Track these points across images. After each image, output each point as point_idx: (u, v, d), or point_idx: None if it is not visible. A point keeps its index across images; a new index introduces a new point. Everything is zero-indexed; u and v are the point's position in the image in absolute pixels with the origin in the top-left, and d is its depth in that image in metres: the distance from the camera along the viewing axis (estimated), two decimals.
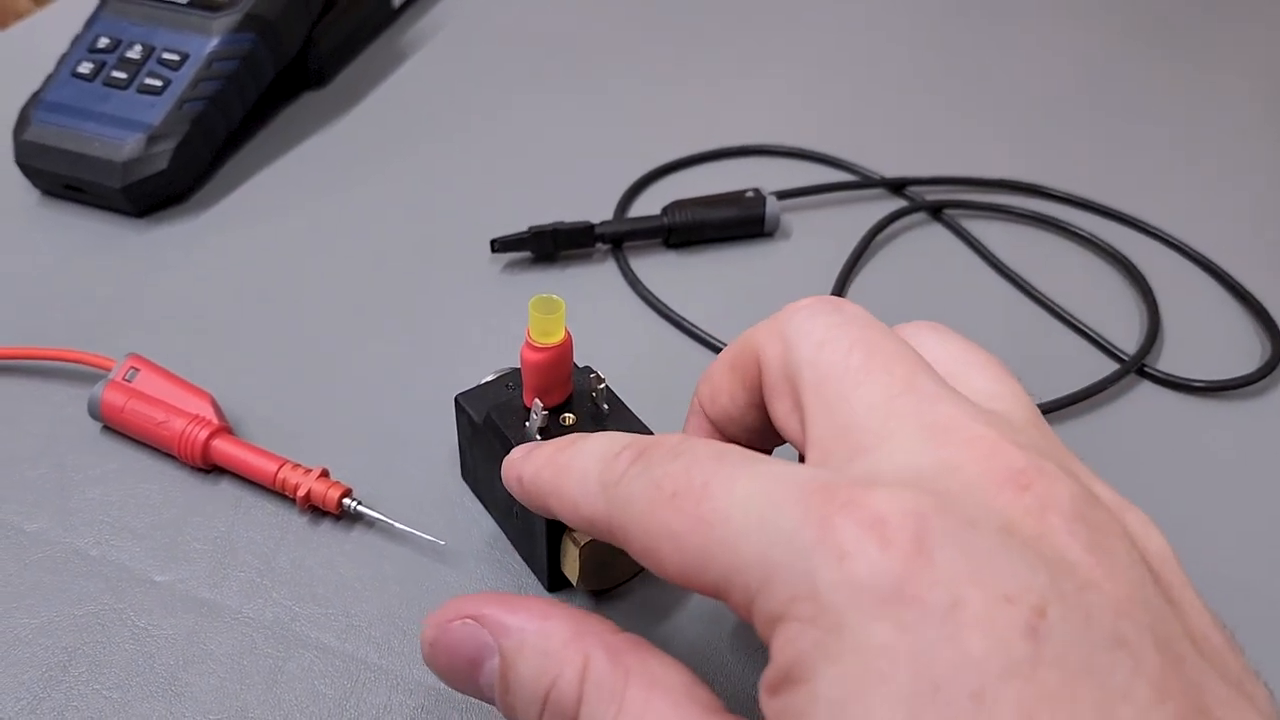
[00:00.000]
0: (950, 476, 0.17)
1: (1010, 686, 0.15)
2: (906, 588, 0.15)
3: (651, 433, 0.27)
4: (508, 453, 0.26)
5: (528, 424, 0.27)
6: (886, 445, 0.18)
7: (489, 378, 0.30)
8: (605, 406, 0.27)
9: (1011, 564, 0.16)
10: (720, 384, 0.23)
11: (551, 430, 0.27)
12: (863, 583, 0.16)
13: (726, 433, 0.24)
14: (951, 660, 0.15)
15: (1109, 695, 0.15)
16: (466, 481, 0.31)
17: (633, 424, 0.27)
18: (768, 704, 0.17)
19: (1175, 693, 0.15)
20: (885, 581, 0.16)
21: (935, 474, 0.17)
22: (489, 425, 0.27)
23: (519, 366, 0.29)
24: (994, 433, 0.18)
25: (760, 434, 0.24)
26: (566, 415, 0.27)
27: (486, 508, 0.30)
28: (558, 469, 0.21)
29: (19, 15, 1.27)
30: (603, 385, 0.27)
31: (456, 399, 0.29)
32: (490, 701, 0.20)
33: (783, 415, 0.21)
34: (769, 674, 0.17)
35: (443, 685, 0.26)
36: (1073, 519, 0.17)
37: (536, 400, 0.26)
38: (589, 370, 0.28)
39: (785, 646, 0.16)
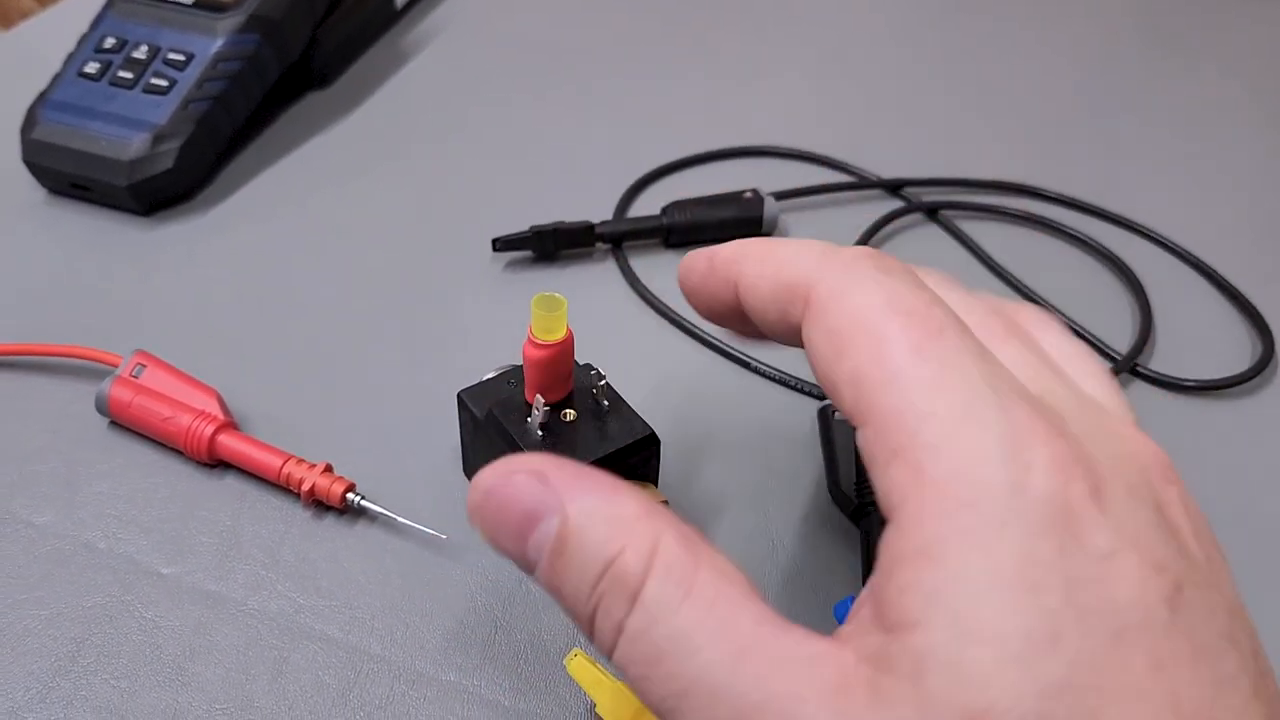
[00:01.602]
0: (1118, 448, 0.18)
1: (1146, 637, 0.15)
2: (1078, 521, 0.16)
3: (650, 428, 0.28)
4: (511, 448, 0.27)
5: (529, 420, 0.27)
6: (1063, 404, 0.19)
7: (490, 374, 0.30)
8: (605, 403, 0.28)
9: (1163, 540, 0.17)
10: (763, 289, 0.21)
11: (552, 426, 0.27)
12: (1039, 497, 0.16)
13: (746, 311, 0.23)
14: (1101, 597, 0.15)
15: (1220, 677, 0.16)
16: (468, 477, 0.31)
17: (632, 420, 0.28)
18: (887, 583, 0.16)
19: (1265, 697, 0.16)
20: (1059, 508, 0.16)
21: (1104, 432, 0.18)
22: (491, 421, 0.28)
23: (520, 364, 0.30)
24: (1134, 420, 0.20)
25: (782, 338, 0.22)
26: (567, 411, 0.28)
27: None
28: (771, 243, 0.22)
29: (23, 14, 1.27)
30: (603, 382, 0.28)
31: (459, 395, 0.29)
32: (526, 567, 0.19)
33: (845, 375, 0.19)
34: (901, 541, 0.16)
35: (445, 677, 0.27)
36: (1197, 523, 0.18)
37: (538, 396, 0.26)
38: (589, 367, 0.28)
39: (930, 519, 0.16)
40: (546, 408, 0.27)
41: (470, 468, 0.31)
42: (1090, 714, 0.15)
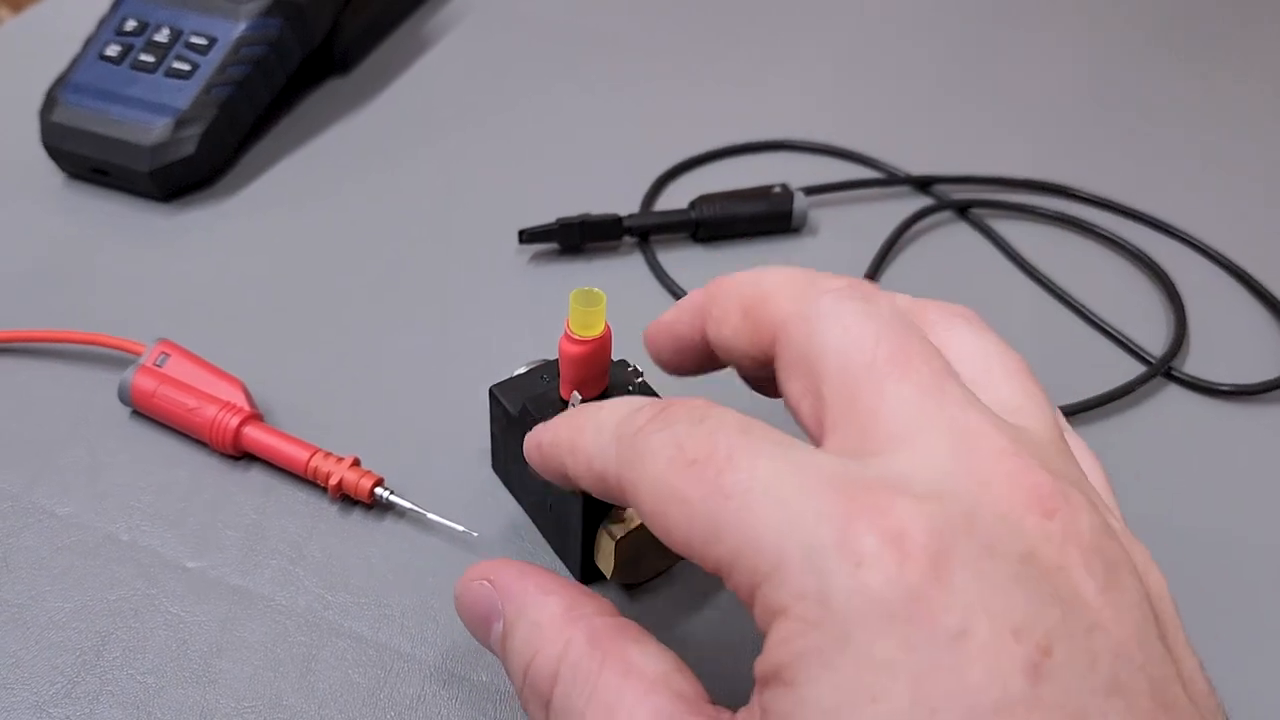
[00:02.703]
0: (976, 492, 0.17)
1: (1004, 718, 0.15)
2: (918, 607, 0.15)
3: None
4: None
5: None
6: (911, 447, 0.18)
7: (522, 369, 0.30)
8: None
9: (1026, 597, 0.16)
10: (730, 320, 0.22)
11: None
12: (875, 594, 0.15)
13: (715, 355, 0.24)
14: (950, 688, 0.15)
15: None
16: (497, 473, 0.31)
17: None
18: (757, 694, 0.17)
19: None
20: (897, 597, 0.15)
21: (961, 487, 0.17)
22: (525, 417, 0.27)
23: (551, 359, 0.29)
24: (1023, 450, 0.18)
25: (752, 377, 0.23)
26: None
27: (518, 499, 0.30)
28: (574, 427, 0.21)
29: None
30: (640, 379, 0.27)
31: (491, 390, 0.29)
32: (497, 654, 0.22)
33: (795, 395, 0.20)
34: (761, 665, 0.17)
35: (477, 677, 0.26)
36: (1090, 553, 0.17)
37: (575, 393, 0.26)
38: (625, 363, 0.28)
39: (783, 644, 0.16)
40: (583, 403, 0.26)
41: (500, 464, 0.31)
42: None
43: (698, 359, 0.24)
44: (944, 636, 0.15)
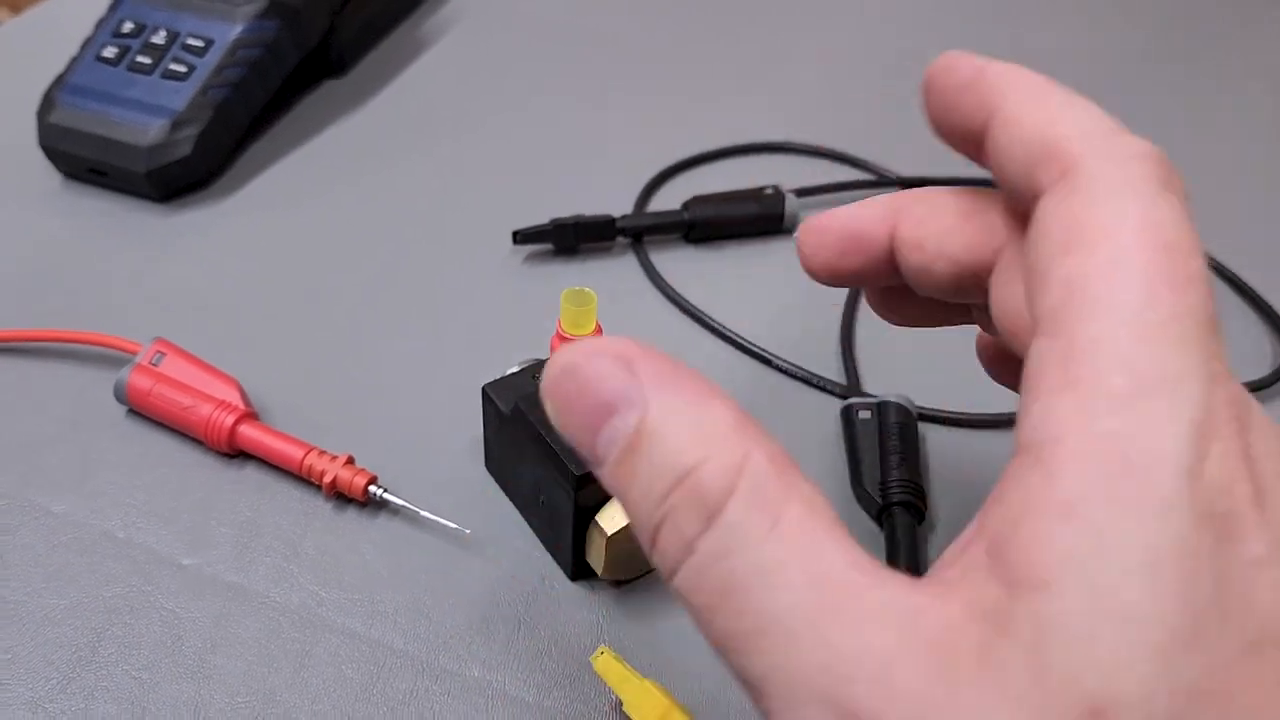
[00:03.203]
0: (1260, 424, 0.15)
1: (1278, 651, 0.14)
2: (1238, 522, 0.14)
3: None
4: (536, 443, 0.27)
5: None
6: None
7: (514, 369, 0.30)
8: None
9: None
10: (943, 217, 0.20)
11: None
12: (1208, 489, 0.14)
13: (891, 268, 0.21)
14: (1244, 603, 0.14)
15: None
16: (490, 471, 0.31)
17: None
18: (1024, 520, 0.14)
19: None
20: (1223, 503, 0.14)
21: (1276, 442, 0.16)
22: (517, 416, 0.28)
23: (543, 358, 0.30)
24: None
25: (944, 292, 0.20)
26: None
27: (510, 497, 0.31)
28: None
29: None
30: None
31: (484, 389, 0.29)
32: (592, 459, 0.17)
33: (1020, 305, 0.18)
34: (1051, 489, 0.14)
35: (469, 673, 0.26)
36: None
37: None
38: None
39: (1091, 475, 0.14)
40: None
41: (493, 461, 0.31)
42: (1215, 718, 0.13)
43: (870, 266, 0.21)
44: (1248, 558, 0.14)
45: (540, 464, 0.27)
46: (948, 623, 0.14)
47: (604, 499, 0.26)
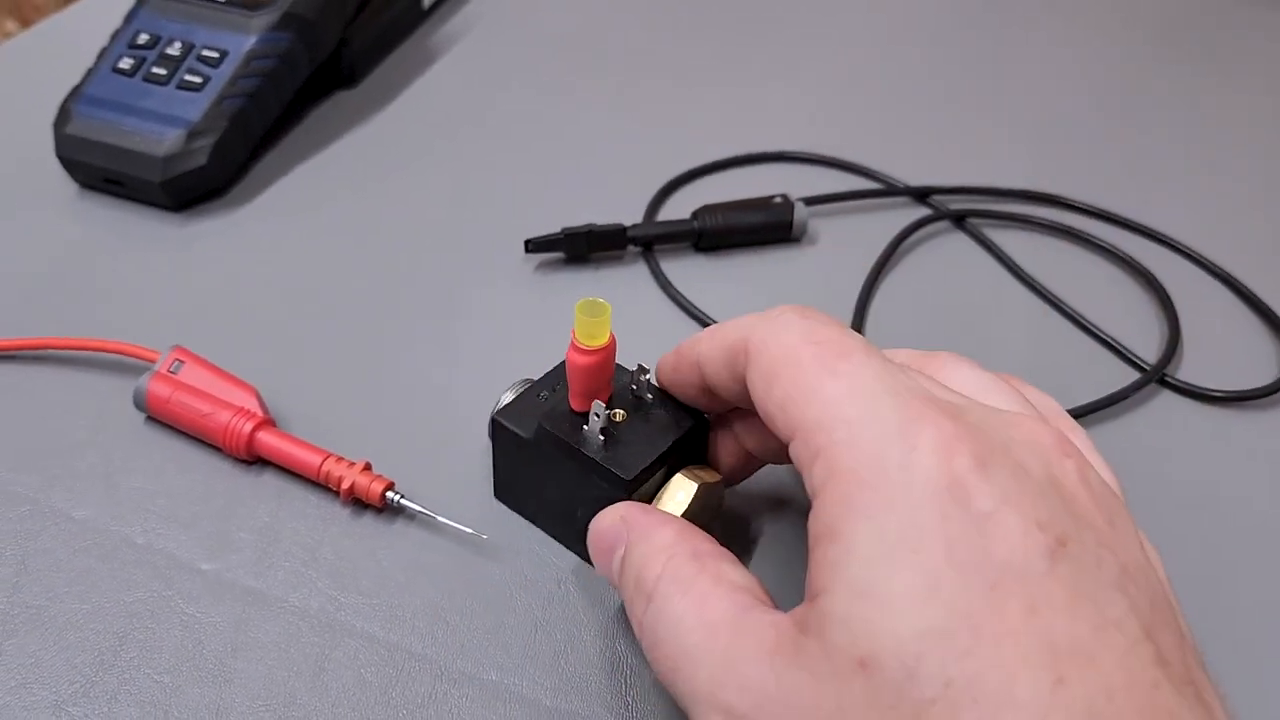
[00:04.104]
0: (1011, 427, 0.21)
1: (1021, 585, 0.18)
2: (958, 489, 0.19)
3: (699, 411, 0.28)
4: (571, 458, 0.27)
5: (586, 427, 0.27)
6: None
7: (509, 394, 0.30)
8: (648, 395, 0.28)
9: (1048, 503, 0.19)
10: (715, 357, 0.25)
11: (607, 429, 0.27)
12: (924, 472, 0.19)
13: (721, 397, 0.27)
14: (980, 553, 0.18)
15: (1104, 621, 0.18)
16: (503, 500, 0.31)
17: (677, 409, 0.28)
18: (810, 554, 0.20)
19: (1160, 641, 0.18)
20: (942, 478, 0.19)
21: (1000, 419, 0.21)
22: (544, 437, 0.27)
23: (532, 376, 0.30)
24: (1039, 415, 0.22)
25: (735, 399, 0.26)
26: (616, 411, 0.28)
27: (533, 519, 0.30)
28: (721, 324, 0.26)
29: (37, 9, 1.27)
30: (646, 376, 0.28)
31: (494, 419, 0.29)
32: (614, 581, 0.25)
33: (771, 403, 0.23)
34: (815, 525, 0.20)
35: (487, 676, 0.27)
36: (1100, 492, 0.20)
37: (597, 402, 0.26)
38: (625, 369, 0.29)
39: (836, 502, 0.19)
40: (607, 412, 0.27)
41: (509, 490, 0.31)
42: (964, 652, 0.17)
43: (707, 397, 0.27)
44: (976, 514, 0.18)
45: (579, 477, 0.27)
46: (779, 632, 0.20)
47: (651, 499, 0.27)
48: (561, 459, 0.27)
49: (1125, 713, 0.17)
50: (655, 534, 0.24)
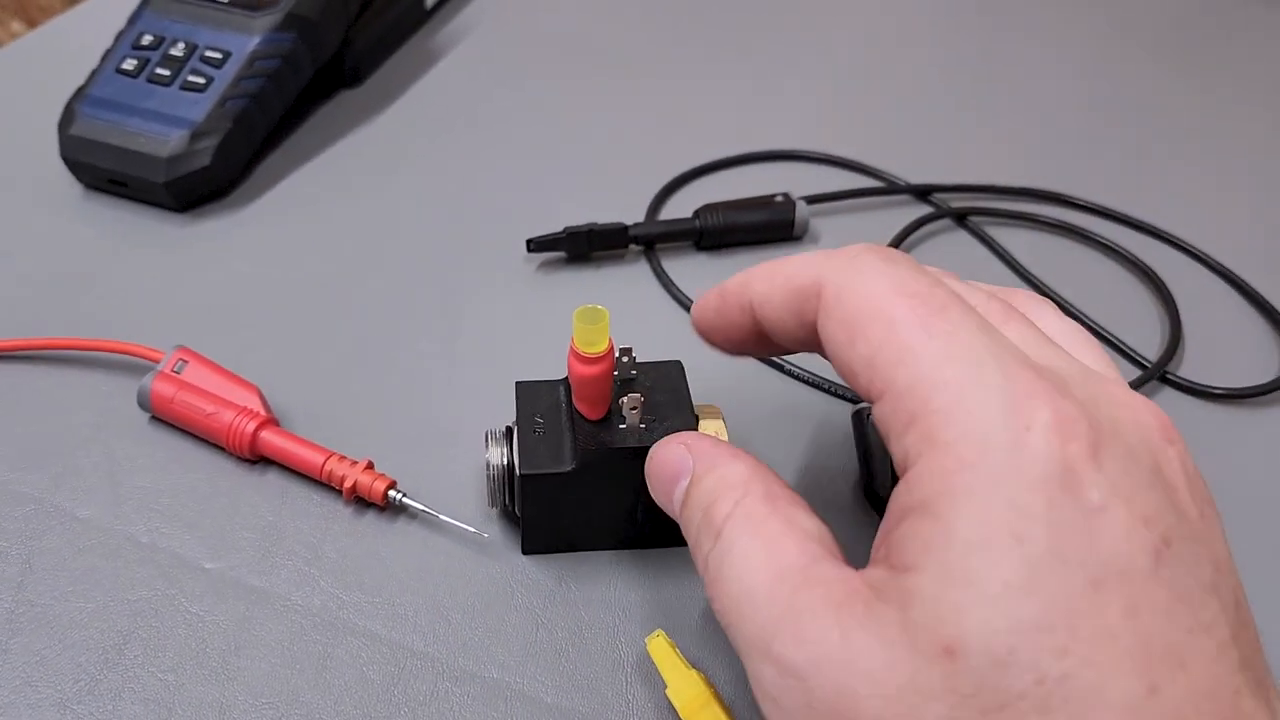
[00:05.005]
0: (1117, 403, 0.20)
1: (1125, 585, 0.17)
2: (1068, 478, 0.17)
3: (674, 360, 0.29)
4: (625, 462, 0.26)
5: (624, 425, 0.27)
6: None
7: (500, 451, 0.28)
8: (634, 372, 0.28)
9: (1156, 498, 0.18)
10: (776, 299, 0.23)
11: (641, 415, 0.27)
12: (1035, 456, 0.18)
13: (770, 339, 0.25)
14: (1084, 547, 0.17)
15: (1197, 624, 0.17)
16: (535, 550, 0.30)
17: (655, 368, 0.28)
18: (893, 529, 0.19)
19: (1242, 643, 0.18)
20: (1055, 465, 0.18)
21: (1106, 395, 0.20)
22: (594, 459, 0.27)
23: (509, 422, 0.29)
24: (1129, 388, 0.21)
25: (798, 345, 0.24)
26: (634, 396, 0.27)
27: (581, 547, 0.30)
28: (776, 261, 0.24)
29: (43, 10, 1.28)
30: (625, 359, 0.28)
31: (525, 476, 0.27)
32: (671, 512, 0.24)
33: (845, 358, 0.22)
34: (904, 498, 0.19)
35: (488, 674, 0.27)
36: (1196, 483, 0.20)
37: (630, 396, 0.26)
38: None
39: (935, 477, 0.18)
40: (638, 400, 0.27)
41: (542, 536, 0.30)
42: (1058, 651, 0.16)
43: (756, 341, 0.25)
44: (1086, 506, 0.17)
45: (637, 475, 0.26)
46: (849, 590, 0.19)
47: None
48: (612, 470, 0.27)
49: (1207, 718, 0.16)
50: (727, 468, 0.23)
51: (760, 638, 0.19)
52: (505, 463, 0.28)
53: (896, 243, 0.42)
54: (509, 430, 0.29)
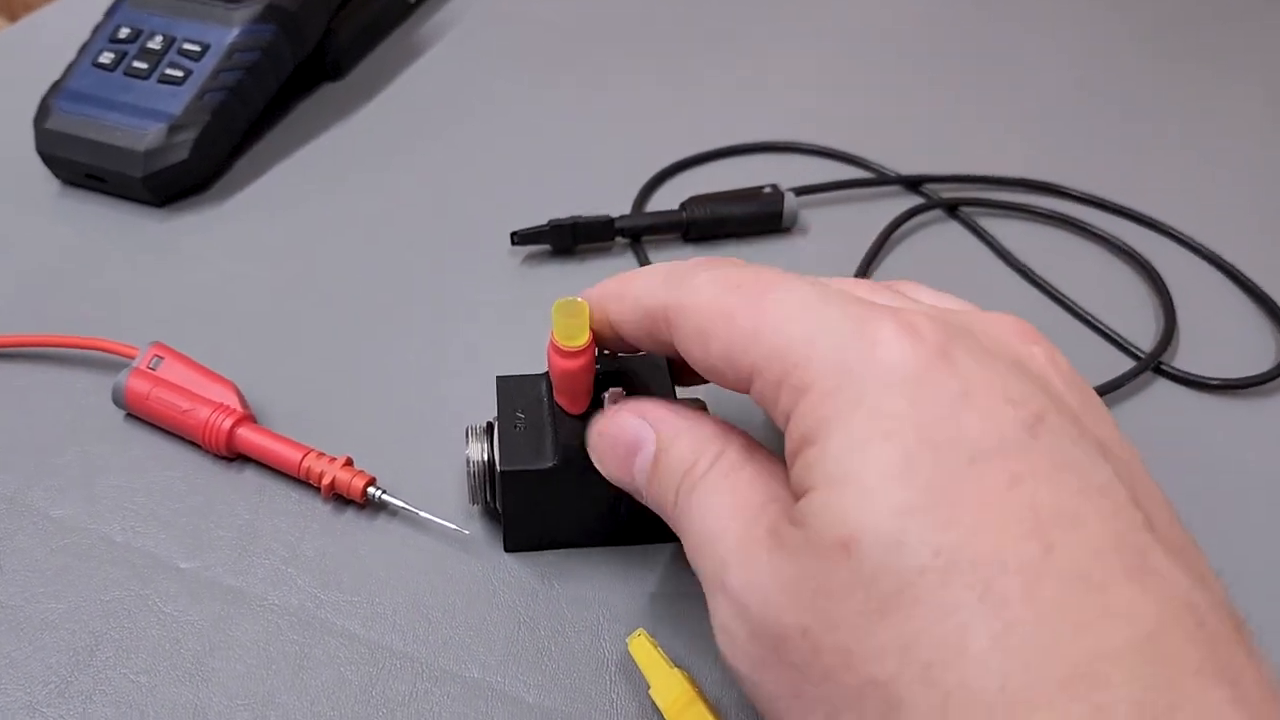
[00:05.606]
0: (971, 317, 0.21)
1: (1001, 458, 0.17)
2: (925, 375, 0.18)
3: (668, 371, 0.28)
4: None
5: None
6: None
7: (481, 447, 0.28)
8: (604, 350, 0.27)
9: (1019, 381, 0.19)
10: (630, 320, 0.24)
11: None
12: (888, 364, 0.19)
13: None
14: (954, 431, 0.18)
15: (1089, 485, 0.17)
16: (518, 548, 0.29)
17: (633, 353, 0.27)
18: (789, 474, 0.20)
19: (1148, 509, 0.18)
20: (908, 367, 0.19)
21: (957, 315, 0.21)
22: (575, 454, 0.26)
23: (491, 416, 0.28)
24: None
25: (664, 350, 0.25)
26: (617, 390, 0.26)
27: (565, 544, 0.29)
28: (622, 280, 0.25)
29: (27, 6, 1.27)
30: (608, 352, 0.27)
31: (504, 471, 0.27)
32: (631, 488, 0.24)
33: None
34: (790, 443, 0.20)
35: (468, 674, 0.26)
36: (1069, 375, 0.20)
37: (612, 390, 0.26)
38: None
39: (806, 415, 0.19)
40: (619, 394, 0.26)
41: (525, 534, 0.29)
42: (944, 525, 0.17)
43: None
44: (947, 396, 0.18)
45: None
46: (772, 520, 0.20)
47: None
48: (593, 465, 0.26)
49: (1115, 573, 0.16)
50: (698, 429, 0.23)
51: (714, 570, 0.21)
52: (486, 459, 0.28)
53: (887, 234, 0.42)
54: (490, 426, 0.28)
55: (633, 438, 0.24)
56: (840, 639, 0.18)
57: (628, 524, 0.28)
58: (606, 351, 0.27)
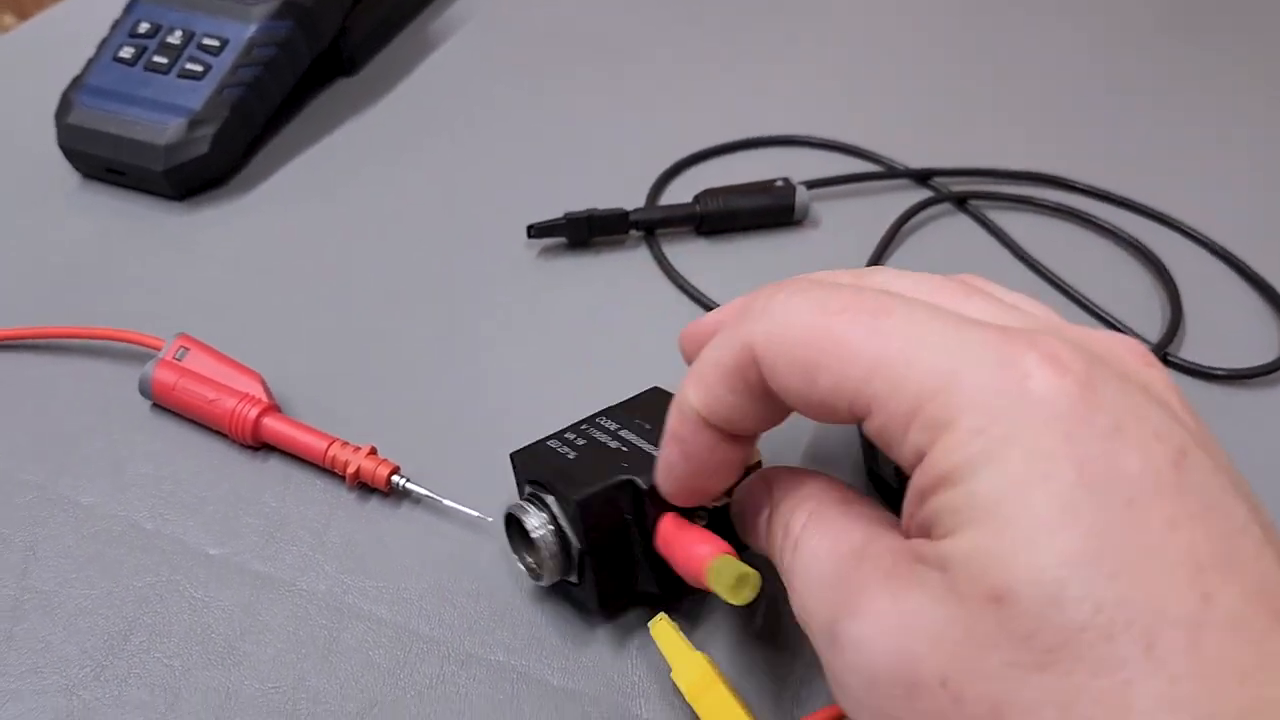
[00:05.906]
0: (1089, 339, 0.20)
1: (1158, 500, 0.17)
2: (1076, 409, 0.17)
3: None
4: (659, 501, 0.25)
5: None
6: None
7: (535, 518, 0.26)
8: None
9: (1160, 414, 0.18)
10: (720, 398, 0.22)
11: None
12: (1038, 398, 0.18)
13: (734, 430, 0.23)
14: (1109, 471, 0.17)
15: (1232, 529, 0.17)
16: (613, 609, 0.28)
17: (656, 403, 0.28)
18: (916, 512, 0.19)
19: (1274, 542, 0.18)
20: (1060, 402, 0.17)
21: (1075, 333, 0.20)
22: (653, 493, 0.25)
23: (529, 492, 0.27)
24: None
25: (767, 422, 0.23)
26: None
27: (649, 588, 0.27)
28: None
29: (39, 4, 1.27)
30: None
31: (578, 501, 0.25)
32: (761, 547, 0.24)
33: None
34: (922, 478, 0.19)
35: (493, 657, 0.27)
36: (1184, 401, 0.20)
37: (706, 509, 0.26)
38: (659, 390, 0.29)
39: (950, 452, 0.18)
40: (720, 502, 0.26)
41: (620, 587, 0.27)
42: (1110, 575, 0.16)
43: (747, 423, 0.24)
44: (1099, 433, 0.17)
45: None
46: (895, 559, 0.19)
47: None
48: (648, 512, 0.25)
49: (1264, 618, 0.16)
50: (802, 486, 0.23)
51: (826, 623, 0.20)
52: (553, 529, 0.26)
53: (897, 227, 0.42)
54: (534, 496, 0.26)
55: (757, 499, 0.24)
56: (988, 690, 0.17)
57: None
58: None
